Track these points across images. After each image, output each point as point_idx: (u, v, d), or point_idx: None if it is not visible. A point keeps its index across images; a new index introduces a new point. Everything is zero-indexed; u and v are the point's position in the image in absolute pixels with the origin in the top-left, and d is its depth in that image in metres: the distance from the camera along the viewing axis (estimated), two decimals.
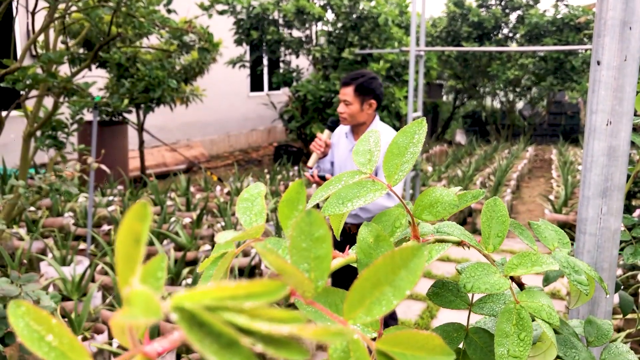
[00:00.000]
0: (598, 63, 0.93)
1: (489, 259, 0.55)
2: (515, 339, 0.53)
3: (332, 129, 3.04)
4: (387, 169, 0.50)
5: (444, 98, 15.65)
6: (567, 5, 11.22)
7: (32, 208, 5.29)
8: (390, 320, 3.07)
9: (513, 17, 11.93)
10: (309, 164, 3.02)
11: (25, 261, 4.42)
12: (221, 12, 7.88)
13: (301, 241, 0.38)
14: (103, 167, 3.51)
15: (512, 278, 0.57)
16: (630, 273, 4.21)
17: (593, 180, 0.93)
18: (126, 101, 4.10)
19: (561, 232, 0.70)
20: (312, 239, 0.38)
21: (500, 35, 11.95)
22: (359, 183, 0.50)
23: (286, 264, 0.33)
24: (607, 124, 0.91)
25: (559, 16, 10.91)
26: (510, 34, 12.02)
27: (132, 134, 7.64)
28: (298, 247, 0.38)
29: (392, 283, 0.35)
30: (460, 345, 0.62)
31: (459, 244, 0.54)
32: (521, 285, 0.62)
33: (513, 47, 11.39)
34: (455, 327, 0.62)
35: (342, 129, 3.10)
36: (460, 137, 13.92)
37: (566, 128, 14.33)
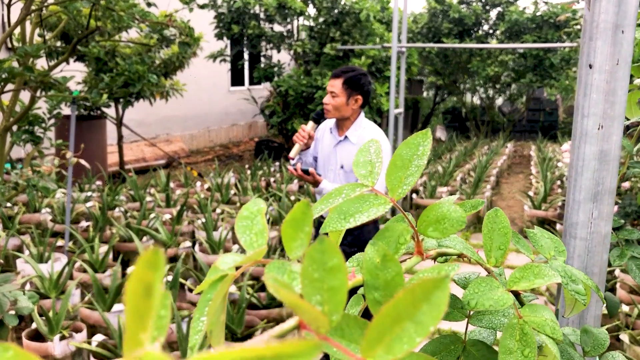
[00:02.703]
0: (590, 66, 0.92)
1: (492, 273, 0.54)
2: (519, 356, 0.51)
3: (317, 121, 3.02)
4: (390, 182, 0.48)
5: (425, 94, 15.72)
6: (546, 3, 11.34)
7: (8, 204, 5.19)
8: None
9: (493, 14, 12.01)
10: (291, 154, 3.00)
11: (1, 260, 4.33)
12: (202, 6, 7.80)
13: (313, 271, 0.36)
14: (82, 162, 3.44)
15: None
16: (608, 269, 4.29)
17: (584, 185, 0.92)
18: (105, 96, 4.03)
19: (557, 240, 0.69)
20: (325, 268, 0.36)
21: (480, 32, 12.02)
22: (361, 197, 0.48)
23: (299, 300, 0.31)
24: (598, 128, 0.91)
25: (538, 13, 11.02)
26: (491, 31, 12.11)
27: (110, 128, 7.53)
28: (310, 277, 0.36)
29: (414, 318, 0.33)
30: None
31: (459, 256, 0.53)
32: (517, 296, 0.61)
33: (493, 44, 11.47)
34: (452, 339, 0.61)
35: (327, 124, 3.09)
36: (440, 133, 14.01)
37: (545, 124, 14.51)
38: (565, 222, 1.24)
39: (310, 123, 3.01)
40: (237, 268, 0.43)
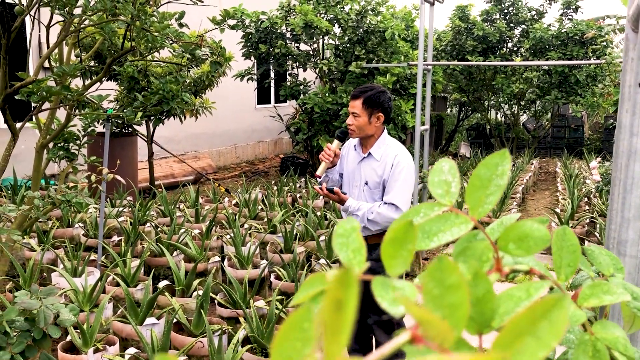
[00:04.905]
0: None
1: (562, 290, 0.56)
2: None
3: (341, 139, 3.08)
4: (471, 202, 0.50)
5: (449, 111, 15.69)
6: (571, 20, 11.28)
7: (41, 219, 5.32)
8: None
9: (517, 31, 11.99)
10: (318, 172, 3.05)
11: (44, 274, 4.42)
12: (233, 27, 7.95)
13: (433, 288, 0.38)
14: (118, 177, 3.53)
15: None
16: None
17: (634, 202, 0.94)
18: (140, 114, 4.13)
19: (615, 258, 0.70)
20: (444, 285, 0.38)
21: (504, 49, 12.00)
22: (442, 217, 0.50)
23: (428, 315, 0.33)
24: None
25: (563, 30, 10.96)
26: (515, 48, 12.08)
27: (140, 145, 7.68)
28: (430, 294, 0.38)
29: (534, 334, 0.35)
30: None
31: (527, 272, 0.55)
32: None
33: (518, 61, 11.43)
34: None
35: (352, 141, 3.14)
36: (464, 150, 13.94)
37: (570, 141, 14.37)
38: (609, 240, 1.25)
39: (335, 142, 3.06)
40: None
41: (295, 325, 0.30)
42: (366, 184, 2.99)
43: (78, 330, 3.38)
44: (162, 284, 4.12)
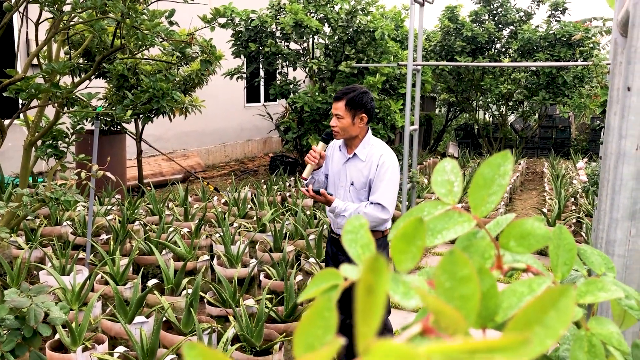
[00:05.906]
0: (628, 89, 0.97)
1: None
2: None
3: (326, 141, 3.11)
4: (473, 201, 0.52)
5: (437, 111, 15.76)
6: (558, 21, 11.38)
7: (29, 217, 5.27)
8: (385, 331, 3.10)
9: (506, 32, 12.07)
10: (304, 175, 3.07)
11: (33, 272, 4.38)
12: (223, 25, 7.93)
13: (445, 281, 0.39)
14: (108, 174, 3.51)
15: None
16: None
17: (622, 203, 0.96)
18: (130, 112, 4.12)
19: (606, 257, 0.72)
20: (456, 278, 0.39)
21: (493, 50, 12.08)
22: (447, 215, 0.51)
23: (443, 305, 0.35)
24: (636, 149, 0.95)
25: (551, 32, 11.06)
26: (503, 49, 12.16)
27: (129, 143, 7.64)
28: (442, 286, 0.40)
29: (543, 323, 0.36)
30: None
31: (524, 271, 0.56)
32: None
33: (506, 62, 11.51)
34: None
35: (336, 142, 3.16)
36: (452, 150, 14.02)
37: (557, 141, 14.51)
38: (597, 240, 1.27)
39: (321, 143, 3.09)
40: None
41: (317, 314, 0.31)
42: (352, 184, 3.01)
43: (67, 329, 3.36)
44: (151, 282, 4.11)
